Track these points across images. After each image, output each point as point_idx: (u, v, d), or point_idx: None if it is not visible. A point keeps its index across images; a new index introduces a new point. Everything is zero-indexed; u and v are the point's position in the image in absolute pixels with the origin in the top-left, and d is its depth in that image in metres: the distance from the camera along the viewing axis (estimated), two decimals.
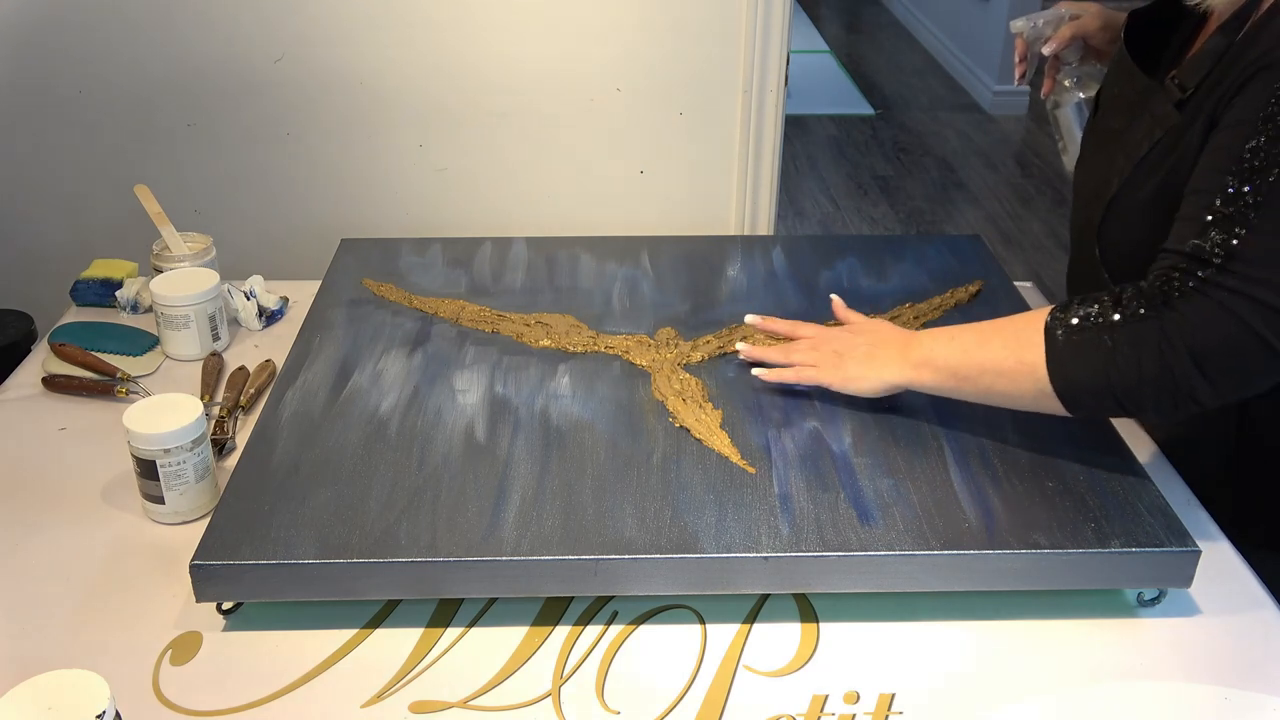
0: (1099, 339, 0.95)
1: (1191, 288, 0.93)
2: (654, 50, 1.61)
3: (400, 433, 1.11)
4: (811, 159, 4.53)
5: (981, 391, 1.04)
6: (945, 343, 1.06)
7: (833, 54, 5.93)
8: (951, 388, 1.06)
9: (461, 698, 0.91)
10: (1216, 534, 1.09)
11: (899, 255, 1.47)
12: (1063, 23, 1.33)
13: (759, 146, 1.68)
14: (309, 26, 1.57)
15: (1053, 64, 1.35)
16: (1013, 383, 1.01)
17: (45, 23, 1.56)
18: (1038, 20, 1.34)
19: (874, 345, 1.13)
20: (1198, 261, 0.93)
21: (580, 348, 1.26)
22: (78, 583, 1.02)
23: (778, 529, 0.98)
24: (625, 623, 0.99)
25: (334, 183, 1.69)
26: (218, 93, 1.61)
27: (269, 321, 1.44)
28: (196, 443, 1.07)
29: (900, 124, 4.91)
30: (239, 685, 0.92)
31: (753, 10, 1.58)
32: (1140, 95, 1.12)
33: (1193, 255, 0.94)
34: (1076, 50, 1.33)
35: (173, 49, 1.58)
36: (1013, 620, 0.99)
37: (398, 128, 1.65)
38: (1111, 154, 1.15)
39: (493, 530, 0.97)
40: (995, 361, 1.01)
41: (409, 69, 1.61)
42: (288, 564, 0.94)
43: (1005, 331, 1.02)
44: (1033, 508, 1.01)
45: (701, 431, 1.10)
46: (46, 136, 1.64)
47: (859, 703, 0.91)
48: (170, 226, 1.42)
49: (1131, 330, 0.94)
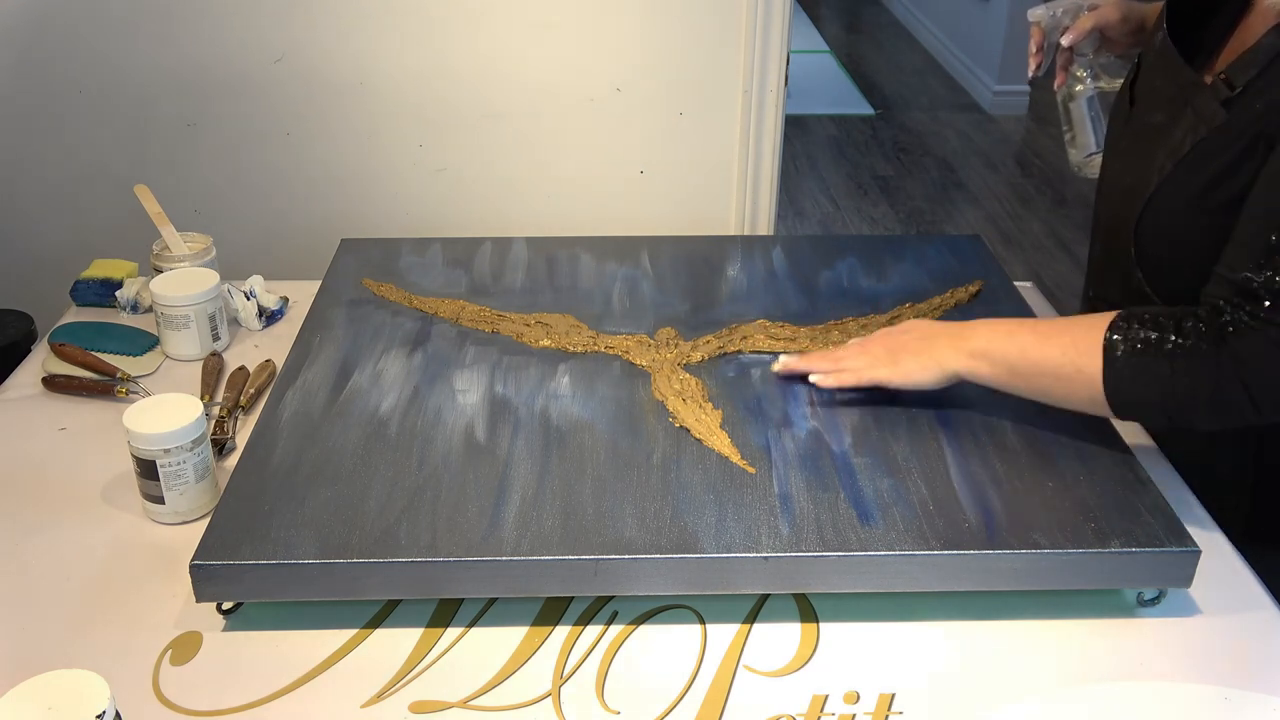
0: (1158, 364, 0.99)
1: (1246, 324, 0.96)
2: (654, 50, 1.61)
3: (400, 433, 1.11)
4: (811, 159, 4.53)
5: (1034, 390, 1.06)
6: (1004, 338, 1.08)
7: (833, 54, 5.93)
8: (1005, 382, 1.08)
9: (461, 698, 0.91)
10: (1216, 534, 1.09)
11: (899, 255, 1.47)
12: (1081, 12, 1.32)
13: (759, 146, 1.68)
14: (309, 26, 1.57)
15: (1065, 55, 1.34)
16: (1068, 387, 1.03)
17: (46, 23, 1.56)
18: (1056, 10, 1.34)
19: (924, 339, 1.13)
20: (1248, 296, 0.96)
21: (580, 348, 1.26)
22: (78, 583, 1.02)
23: (778, 529, 0.98)
24: (625, 623, 0.99)
25: (334, 183, 1.69)
26: (218, 93, 1.61)
27: (269, 321, 1.44)
28: (196, 443, 1.07)
29: (900, 124, 4.91)
30: (239, 685, 0.92)
31: (753, 10, 1.58)
32: (1182, 90, 1.11)
33: (1243, 288, 0.97)
34: (1093, 42, 1.32)
35: (173, 49, 1.58)
36: (1013, 620, 0.99)
37: (398, 128, 1.65)
38: (1150, 150, 1.14)
39: (493, 530, 0.97)
40: (1053, 365, 1.03)
41: (409, 69, 1.61)
42: (288, 564, 0.94)
43: (1065, 336, 1.04)
44: (1033, 508, 1.01)
45: (701, 431, 1.10)
46: (46, 136, 1.64)
47: (859, 703, 0.91)
48: (170, 226, 1.42)
49: (1189, 361, 0.98)
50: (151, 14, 1.56)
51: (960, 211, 4.06)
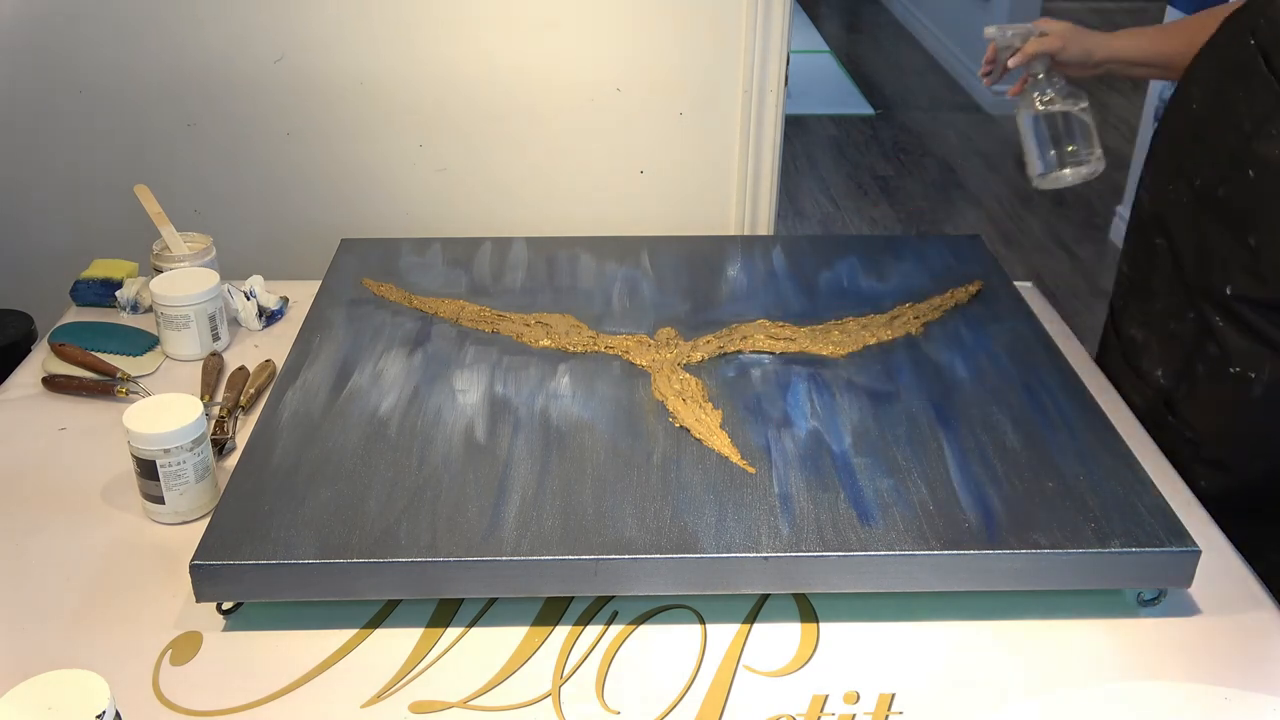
0: None
1: None
2: (654, 50, 1.61)
3: (400, 433, 1.11)
4: (811, 159, 4.53)
5: None
6: None
7: (833, 54, 5.93)
8: None
9: (461, 698, 0.91)
10: (1216, 534, 1.09)
11: (899, 255, 1.47)
12: (1031, 36, 1.35)
13: (759, 146, 1.68)
14: (309, 27, 1.57)
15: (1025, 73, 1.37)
16: None
17: (46, 23, 1.56)
18: (1008, 31, 1.37)
19: None
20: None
21: (580, 348, 1.26)
22: (78, 583, 1.02)
23: (778, 529, 0.98)
24: (625, 623, 0.99)
25: (334, 183, 1.69)
26: (218, 93, 1.61)
27: (269, 321, 1.44)
28: (196, 443, 1.07)
29: (900, 124, 4.91)
30: (239, 685, 0.92)
31: (753, 10, 1.58)
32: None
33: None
34: (1043, 63, 1.35)
35: (173, 49, 1.58)
36: (1013, 620, 0.99)
37: (398, 128, 1.65)
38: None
39: (493, 530, 0.97)
40: None
41: (409, 69, 1.61)
42: (288, 564, 0.94)
43: None
44: (1033, 508, 1.01)
45: (701, 431, 1.10)
46: (46, 137, 1.64)
47: (859, 703, 0.91)
48: (170, 226, 1.42)
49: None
50: (151, 14, 1.56)
51: (960, 211, 4.06)
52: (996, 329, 1.30)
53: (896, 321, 1.31)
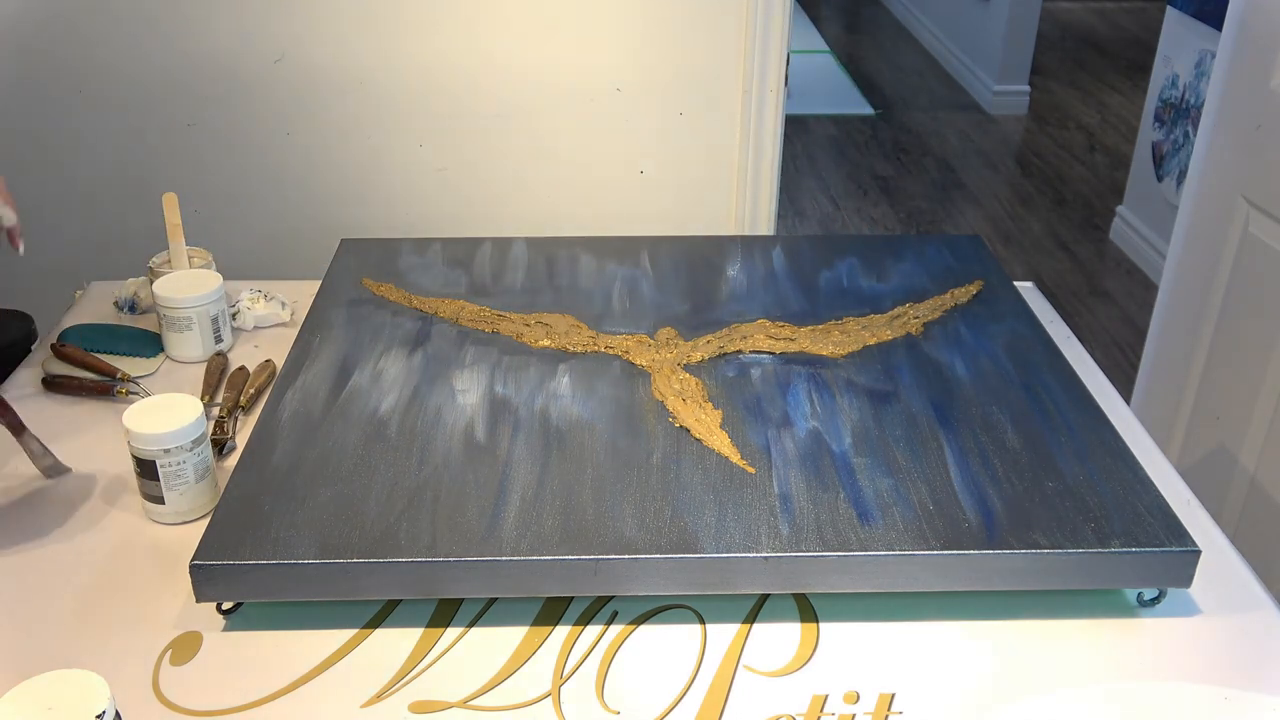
0: None
1: None
2: (654, 50, 1.61)
3: (400, 433, 1.11)
4: (811, 159, 4.53)
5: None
6: None
7: (833, 54, 5.93)
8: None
9: (461, 698, 0.91)
10: (1217, 534, 1.09)
11: (899, 255, 1.47)
12: None
13: (759, 146, 1.68)
14: (309, 26, 1.58)
15: None
16: None
17: (46, 24, 1.56)
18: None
19: None
20: None
21: (580, 348, 1.26)
22: (78, 583, 1.02)
23: (778, 529, 0.98)
24: (625, 623, 0.99)
25: (334, 183, 1.69)
26: (218, 93, 1.61)
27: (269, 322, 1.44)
28: (196, 443, 1.07)
29: (900, 124, 4.91)
30: (239, 685, 0.92)
31: (753, 10, 1.58)
32: None
33: None
34: None
35: (173, 49, 1.58)
36: (1012, 620, 0.99)
37: (398, 128, 1.65)
38: None
39: (493, 530, 0.97)
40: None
41: (409, 69, 1.61)
42: (288, 564, 0.94)
43: None
44: (1033, 508, 1.01)
45: (701, 431, 1.10)
46: (46, 137, 1.64)
47: (859, 703, 0.91)
48: (182, 241, 1.40)
49: None
50: (151, 15, 1.56)
51: (960, 211, 4.06)
52: (996, 329, 1.30)
53: (896, 321, 1.31)
